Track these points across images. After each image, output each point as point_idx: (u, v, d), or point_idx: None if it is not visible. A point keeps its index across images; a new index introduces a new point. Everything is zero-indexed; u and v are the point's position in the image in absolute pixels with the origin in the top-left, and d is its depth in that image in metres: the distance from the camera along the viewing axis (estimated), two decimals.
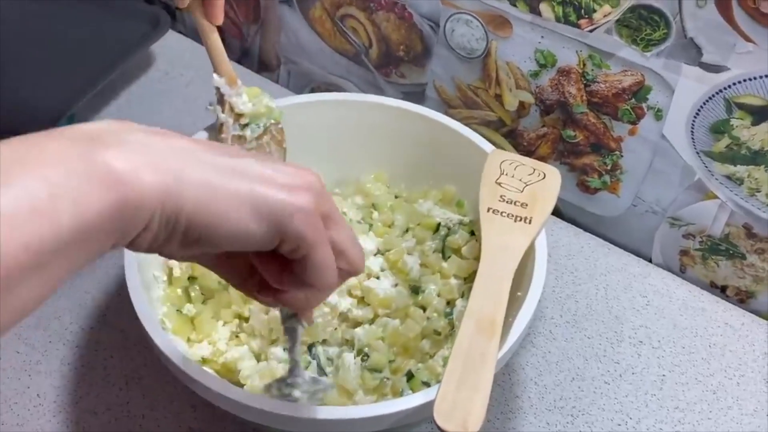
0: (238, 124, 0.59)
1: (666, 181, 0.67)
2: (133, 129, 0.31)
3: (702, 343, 0.66)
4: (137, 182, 0.29)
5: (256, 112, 0.59)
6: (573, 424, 0.60)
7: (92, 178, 0.28)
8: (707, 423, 0.61)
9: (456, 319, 0.56)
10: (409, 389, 0.53)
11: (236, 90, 0.58)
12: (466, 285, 0.58)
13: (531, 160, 0.59)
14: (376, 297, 0.55)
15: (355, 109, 0.65)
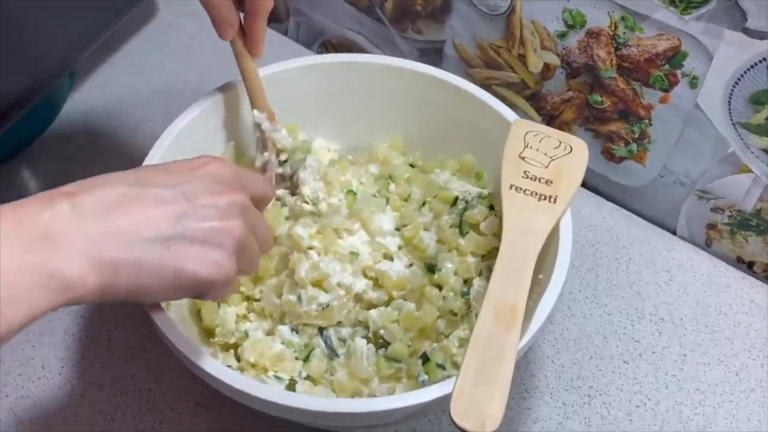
0: (278, 160, 0.58)
1: (697, 153, 0.63)
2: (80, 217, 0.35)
3: (726, 321, 0.64)
4: (83, 286, 0.34)
5: (294, 147, 0.58)
6: (590, 404, 0.59)
7: (46, 287, 0.33)
8: (728, 405, 0.59)
9: (473, 299, 0.54)
10: (424, 373, 0.51)
11: (275, 126, 0.57)
12: (483, 263, 0.56)
13: (557, 131, 0.55)
14: (389, 280, 0.52)
15: (370, 72, 0.61)
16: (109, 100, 0.78)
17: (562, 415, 0.58)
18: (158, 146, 0.55)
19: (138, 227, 0.37)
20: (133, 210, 0.37)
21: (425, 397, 0.42)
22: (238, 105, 0.60)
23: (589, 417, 0.58)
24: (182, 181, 0.39)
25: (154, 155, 0.55)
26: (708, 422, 0.58)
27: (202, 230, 0.38)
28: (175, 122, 0.57)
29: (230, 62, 0.55)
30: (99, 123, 0.76)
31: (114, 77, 0.80)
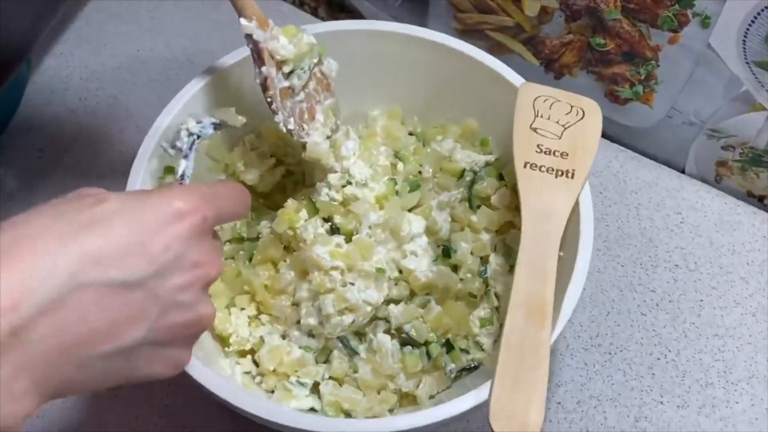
0: (281, 73, 0.48)
1: (707, 93, 0.60)
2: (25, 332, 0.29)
3: (740, 261, 0.63)
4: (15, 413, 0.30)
5: (298, 53, 0.48)
6: (611, 362, 0.59)
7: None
8: (748, 348, 0.59)
9: (490, 278, 0.52)
10: (450, 362, 0.50)
11: (271, 32, 0.48)
12: (498, 237, 0.54)
13: (567, 94, 0.52)
14: (416, 281, 0.50)
15: (360, 40, 0.56)
16: (72, 80, 0.72)
17: (584, 376, 0.58)
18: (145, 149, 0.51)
19: (95, 341, 0.31)
20: (91, 317, 0.31)
21: (463, 406, 0.41)
22: (233, 84, 0.55)
23: (611, 375, 0.58)
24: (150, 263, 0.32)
25: (142, 158, 0.50)
26: (728, 367, 0.58)
27: (169, 329, 0.34)
28: (164, 114, 0.52)
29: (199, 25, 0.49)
30: (66, 107, 0.70)
31: (72, 55, 0.73)
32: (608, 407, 0.57)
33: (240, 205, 0.41)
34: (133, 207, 0.34)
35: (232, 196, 0.40)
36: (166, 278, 0.33)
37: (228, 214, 0.39)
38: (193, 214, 0.35)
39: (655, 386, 0.58)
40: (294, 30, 0.49)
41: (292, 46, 0.48)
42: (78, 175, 0.66)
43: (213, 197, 0.37)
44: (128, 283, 0.32)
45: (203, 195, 0.36)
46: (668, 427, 0.56)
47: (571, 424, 0.56)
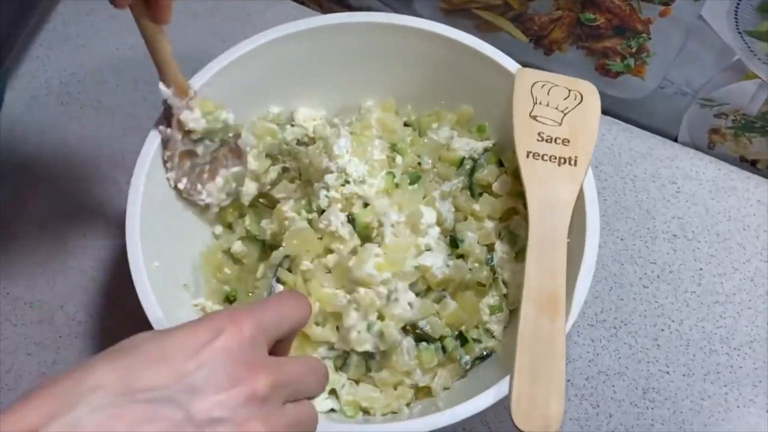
0: (188, 138, 0.50)
1: (699, 63, 0.60)
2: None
3: (736, 226, 0.64)
4: None
5: (209, 129, 0.50)
6: (617, 336, 0.60)
7: None
8: (748, 313, 0.61)
9: (497, 265, 0.52)
10: (465, 354, 0.50)
11: (187, 102, 0.49)
12: (501, 225, 0.54)
13: (564, 77, 0.52)
14: (434, 278, 0.50)
15: (349, 33, 0.55)
16: (52, 84, 0.70)
17: (591, 352, 0.59)
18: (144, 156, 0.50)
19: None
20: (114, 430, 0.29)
21: (483, 403, 0.42)
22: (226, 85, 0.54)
23: (617, 349, 0.59)
24: (180, 376, 0.30)
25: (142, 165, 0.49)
26: (730, 333, 0.60)
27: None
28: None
29: (178, 19, 0.48)
30: (48, 113, 0.69)
31: (49, 58, 0.71)
32: (617, 381, 0.58)
33: (295, 312, 0.36)
34: (169, 332, 0.32)
35: (284, 304, 0.36)
36: (199, 394, 0.30)
37: (278, 324, 0.35)
38: (231, 330, 0.32)
39: (661, 357, 0.59)
40: (211, 107, 0.50)
41: (205, 121, 0.50)
42: (68, 184, 0.65)
43: (257, 310, 0.34)
44: (156, 398, 0.30)
45: (243, 309, 0.33)
46: (675, 396, 0.57)
47: (582, 400, 0.57)
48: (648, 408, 0.57)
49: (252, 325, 0.32)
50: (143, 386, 0.29)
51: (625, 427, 0.56)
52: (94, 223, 0.63)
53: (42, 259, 0.62)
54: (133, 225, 0.46)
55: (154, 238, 0.48)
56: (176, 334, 0.32)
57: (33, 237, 0.63)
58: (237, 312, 0.33)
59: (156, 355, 0.31)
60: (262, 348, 0.33)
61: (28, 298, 0.60)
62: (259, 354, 0.32)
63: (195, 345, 0.31)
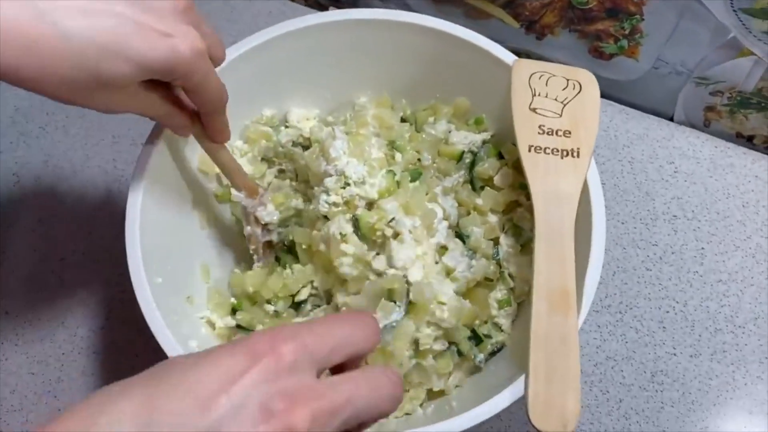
0: (266, 230, 0.53)
1: (693, 42, 0.59)
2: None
3: (735, 203, 0.64)
4: None
5: (283, 218, 0.54)
6: (623, 321, 0.60)
7: None
8: (751, 290, 0.61)
9: (503, 259, 0.52)
10: (479, 352, 0.50)
11: (259, 200, 0.53)
12: (504, 218, 0.53)
13: (561, 67, 0.51)
14: (456, 279, 0.49)
15: (341, 31, 0.54)
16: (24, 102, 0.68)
17: (599, 338, 0.59)
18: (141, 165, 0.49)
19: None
20: None
21: (500, 405, 0.42)
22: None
23: (624, 333, 0.59)
24: (207, 411, 0.28)
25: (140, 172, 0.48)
26: (734, 312, 0.60)
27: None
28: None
29: None
30: (34, 124, 0.67)
31: None
32: (625, 365, 0.58)
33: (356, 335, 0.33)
34: (203, 358, 0.30)
35: (342, 326, 0.33)
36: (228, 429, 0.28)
37: (332, 348, 0.31)
38: (269, 356, 0.29)
39: (668, 339, 0.59)
40: (281, 198, 0.53)
41: (278, 213, 0.53)
42: (59, 197, 0.64)
43: (304, 332, 0.31)
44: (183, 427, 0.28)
45: (288, 331, 0.31)
46: (684, 377, 0.58)
47: (591, 386, 0.57)
48: (657, 391, 0.57)
49: (294, 350, 0.30)
50: (166, 421, 0.27)
51: (636, 411, 0.57)
52: (88, 236, 0.62)
53: (39, 275, 0.61)
54: (133, 244, 0.46)
55: (155, 254, 0.47)
56: (210, 359, 0.29)
57: (28, 253, 0.62)
58: (278, 334, 0.30)
59: (183, 386, 0.28)
60: (306, 374, 0.30)
61: (28, 316, 0.59)
62: (301, 381, 0.29)
63: (228, 374, 0.28)
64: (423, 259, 0.48)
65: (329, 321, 0.33)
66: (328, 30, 0.54)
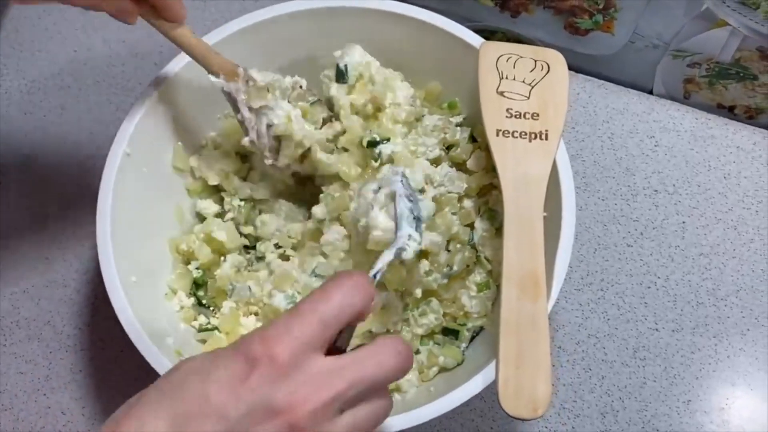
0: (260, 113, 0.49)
1: (668, 14, 0.59)
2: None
3: (716, 175, 0.64)
4: None
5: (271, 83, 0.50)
6: (604, 298, 0.60)
7: None
8: (733, 262, 0.61)
9: (478, 243, 0.52)
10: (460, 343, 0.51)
11: (241, 81, 0.48)
12: (480, 201, 0.53)
13: (529, 47, 0.50)
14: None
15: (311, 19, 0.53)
16: (13, 94, 0.68)
17: (581, 316, 0.59)
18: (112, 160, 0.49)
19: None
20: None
21: (472, 390, 0.42)
22: (193, 82, 0.53)
23: (606, 311, 0.59)
24: (229, 425, 0.31)
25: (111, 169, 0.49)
26: (716, 285, 0.60)
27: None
28: (127, 121, 0.50)
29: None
30: (12, 124, 0.67)
31: (7, 67, 0.69)
32: (607, 343, 0.58)
33: (351, 303, 0.33)
34: (209, 368, 0.32)
35: (334, 298, 0.33)
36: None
37: (325, 326, 0.33)
38: (264, 360, 0.31)
39: (649, 315, 0.59)
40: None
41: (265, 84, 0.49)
42: (40, 197, 0.64)
43: (293, 324, 0.32)
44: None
45: (277, 328, 0.32)
46: (666, 352, 0.58)
47: (574, 365, 0.58)
48: (639, 366, 0.58)
49: (287, 347, 0.31)
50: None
51: (618, 388, 0.57)
52: (71, 234, 0.62)
53: (23, 275, 0.61)
54: (105, 244, 0.46)
55: (129, 253, 0.47)
56: (216, 367, 0.31)
57: (10, 254, 0.62)
58: (269, 335, 0.32)
59: (200, 399, 0.31)
60: (306, 365, 0.31)
61: (14, 317, 0.60)
62: (301, 376, 0.31)
63: (233, 381, 0.31)
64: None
65: (317, 299, 0.33)
66: (299, 19, 0.54)
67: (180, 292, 0.52)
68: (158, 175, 0.53)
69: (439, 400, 0.42)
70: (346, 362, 0.32)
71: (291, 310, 0.33)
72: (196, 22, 0.69)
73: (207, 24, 0.68)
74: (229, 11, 0.70)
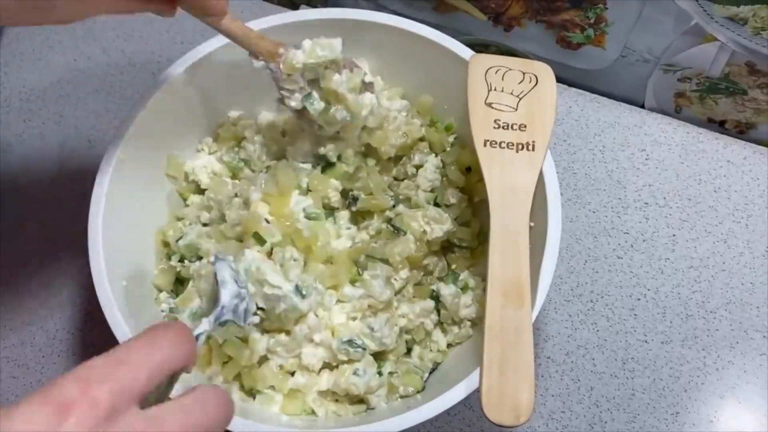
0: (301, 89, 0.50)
1: (658, 29, 0.59)
2: None
3: (706, 189, 0.64)
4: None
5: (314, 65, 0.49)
6: (594, 309, 0.60)
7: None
8: (722, 275, 0.61)
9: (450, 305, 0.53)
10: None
11: (283, 60, 0.49)
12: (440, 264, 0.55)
13: (518, 60, 0.51)
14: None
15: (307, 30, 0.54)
16: (12, 101, 0.69)
17: (570, 327, 0.60)
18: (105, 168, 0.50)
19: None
20: None
21: (456, 397, 0.43)
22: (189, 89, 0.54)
23: (595, 322, 0.60)
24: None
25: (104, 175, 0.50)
26: (706, 297, 0.60)
27: None
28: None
29: (134, 24, 0.48)
30: (11, 131, 0.68)
31: (7, 75, 0.70)
32: (596, 354, 0.59)
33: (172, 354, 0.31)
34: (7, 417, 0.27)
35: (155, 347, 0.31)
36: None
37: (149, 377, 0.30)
38: (82, 407, 0.27)
39: (639, 326, 0.59)
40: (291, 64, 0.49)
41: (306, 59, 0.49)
42: (36, 203, 0.65)
43: (115, 369, 0.29)
44: None
45: (98, 371, 0.28)
46: (654, 364, 0.58)
47: (563, 375, 0.58)
48: (628, 378, 0.58)
49: (110, 391, 0.28)
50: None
51: (607, 399, 0.57)
52: (66, 240, 0.63)
53: (17, 280, 0.62)
54: (96, 249, 0.47)
55: (119, 258, 0.48)
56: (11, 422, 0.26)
57: (4, 258, 0.63)
58: (88, 378, 0.28)
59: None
60: (126, 414, 0.28)
61: (8, 321, 0.60)
62: (123, 425, 0.28)
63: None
64: None
65: (142, 344, 0.31)
66: (290, 31, 0.54)
67: (164, 293, 0.52)
68: (151, 181, 0.54)
69: (421, 408, 0.42)
70: (170, 411, 0.30)
71: (110, 355, 0.30)
72: (189, 31, 0.70)
73: (197, 35, 0.69)
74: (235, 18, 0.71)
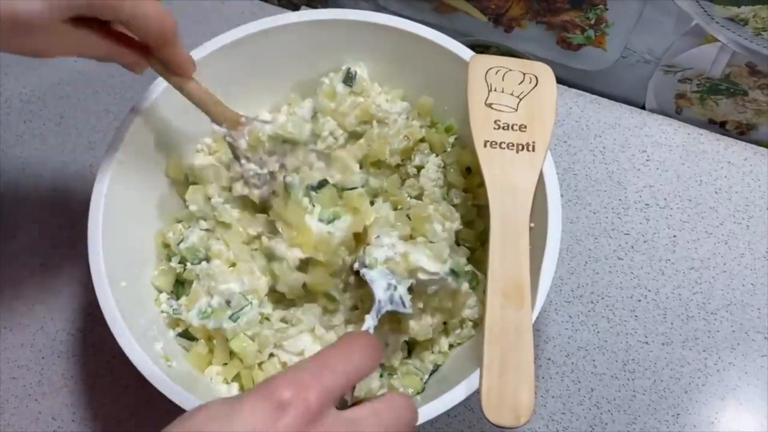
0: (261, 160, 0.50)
1: (658, 30, 0.59)
2: None
3: (707, 190, 0.64)
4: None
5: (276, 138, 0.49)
6: (594, 311, 0.60)
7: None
8: (723, 277, 0.61)
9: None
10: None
11: (244, 130, 0.48)
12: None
13: (518, 61, 0.51)
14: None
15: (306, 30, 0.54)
16: (13, 103, 0.69)
17: (570, 329, 0.59)
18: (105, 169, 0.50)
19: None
20: None
21: (456, 398, 0.43)
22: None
23: (596, 323, 0.60)
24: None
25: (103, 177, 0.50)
26: (706, 298, 0.60)
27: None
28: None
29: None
30: (12, 132, 0.68)
31: (8, 76, 0.70)
32: (596, 355, 0.59)
33: (365, 363, 0.35)
34: (233, 413, 0.31)
35: (353, 356, 0.34)
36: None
37: (346, 382, 0.33)
38: (297, 403, 0.31)
39: (639, 328, 0.59)
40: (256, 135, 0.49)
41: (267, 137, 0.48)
42: (37, 204, 0.65)
43: (324, 373, 0.32)
44: None
45: (309, 373, 0.32)
46: (655, 365, 0.58)
47: (563, 377, 0.58)
48: (629, 379, 0.58)
49: (319, 395, 0.31)
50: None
51: (607, 400, 0.57)
52: (67, 241, 0.63)
53: (17, 281, 0.62)
54: (95, 250, 0.47)
55: (120, 258, 0.48)
56: (241, 411, 0.30)
57: (6, 260, 0.63)
58: (302, 379, 0.32)
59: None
60: (330, 416, 0.32)
61: (8, 323, 0.60)
62: (329, 425, 0.31)
63: (262, 426, 0.30)
64: None
65: (344, 353, 0.34)
66: (290, 32, 0.54)
67: (163, 294, 0.52)
68: (151, 182, 0.54)
69: (423, 408, 0.42)
70: (367, 413, 0.34)
71: (315, 360, 0.33)
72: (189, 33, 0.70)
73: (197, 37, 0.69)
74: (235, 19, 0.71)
